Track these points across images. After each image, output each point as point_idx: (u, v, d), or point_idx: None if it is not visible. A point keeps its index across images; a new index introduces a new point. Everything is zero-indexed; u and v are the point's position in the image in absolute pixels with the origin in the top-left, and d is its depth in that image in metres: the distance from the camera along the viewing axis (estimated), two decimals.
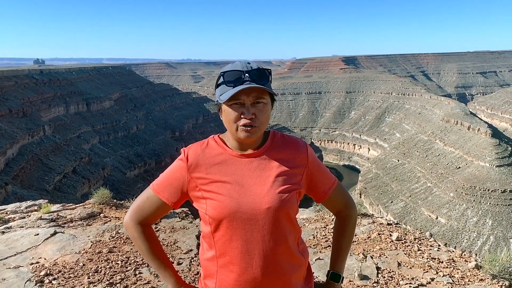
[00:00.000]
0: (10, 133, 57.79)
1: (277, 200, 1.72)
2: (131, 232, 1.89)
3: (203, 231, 1.84)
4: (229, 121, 1.73)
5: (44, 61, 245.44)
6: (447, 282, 4.65)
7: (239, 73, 1.70)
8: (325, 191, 1.95)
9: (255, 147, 1.82)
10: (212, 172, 1.76)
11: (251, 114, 1.69)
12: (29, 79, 77.91)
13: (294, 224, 1.83)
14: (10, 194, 45.10)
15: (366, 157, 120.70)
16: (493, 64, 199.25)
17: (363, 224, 6.73)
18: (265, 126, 1.77)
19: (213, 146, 1.83)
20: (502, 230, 61.89)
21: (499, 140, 78.73)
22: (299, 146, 1.90)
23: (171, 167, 1.86)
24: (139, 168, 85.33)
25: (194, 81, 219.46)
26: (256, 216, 1.71)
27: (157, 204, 1.85)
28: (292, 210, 1.78)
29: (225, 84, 1.71)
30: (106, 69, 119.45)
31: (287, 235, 1.78)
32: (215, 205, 1.72)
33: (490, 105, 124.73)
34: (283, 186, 1.76)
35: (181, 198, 1.84)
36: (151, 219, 1.90)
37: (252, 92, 1.69)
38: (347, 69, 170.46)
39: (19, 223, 6.33)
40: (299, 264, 1.86)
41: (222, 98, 1.70)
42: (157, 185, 1.85)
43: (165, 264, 1.92)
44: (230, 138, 1.82)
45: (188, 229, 6.20)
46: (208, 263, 1.83)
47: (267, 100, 1.75)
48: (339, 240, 2.10)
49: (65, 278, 4.47)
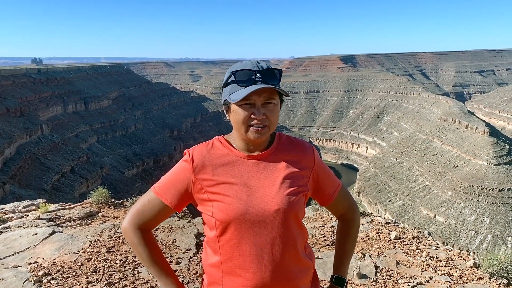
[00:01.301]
0: (8, 133, 57.68)
1: (286, 202, 1.69)
2: (130, 237, 1.81)
3: (207, 235, 1.79)
4: (239, 121, 1.68)
5: (41, 60, 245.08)
6: (446, 280, 4.66)
7: (251, 72, 1.67)
8: (331, 194, 1.93)
9: (262, 148, 1.79)
10: (218, 173, 1.72)
11: (262, 115, 1.66)
12: (26, 78, 77.81)
13: (302, 227, 1.80)
14: (8, 194, 45.04)
15: (364, 156, 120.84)
16: (491, 63, 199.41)
17: (361, 223, 6.74)
18: (275, 127, 1.74)
19: (218, 147, 1.79)
20: (500, 228, 62.07)
21: (497, 139, 78.93)
22: (306, 148, 1.88)
23: (175, 169, 1.80)
24: (138, 167, 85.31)
25: (192, 80, 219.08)
26: (265, 218, 1.67)
27: (159, 207, 1.78)
28: (300, 212, 1.75)
29: (236, 83, 1.68)
30: (104, 68, 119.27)
31: (296, 238, 1.75)
32: (222, 208, 1.67)
33: (488, 104, 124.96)
34: (291, 188, 1.73)
35: (185, 201, 1.78)
36: (151, 223, 1.82)
37: (264, 92, 1.66)
38: (345, 68, 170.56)
39: (17, 223, 6.32)
40: (306, 268, 1.83)
41: (233, 98, 1.66)
42: (159, 187, 1.79)
43: (166, 271, 1.84)
44: (237, 139, 1.78)
45: (186, 228, 6.20)
46: (213, 269, 1.77)
47: (277, 101, 1.72)
48: (343, 244, 2.06)
49: (63, 277, 4.47)
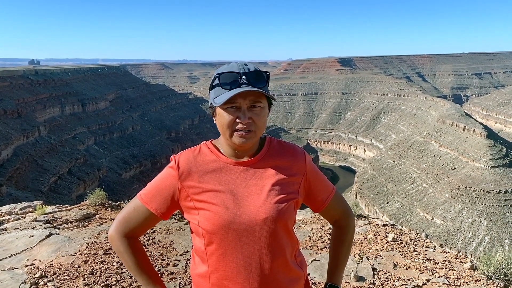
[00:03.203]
0: (4, 134, 57.50)
1: (274, 210, 1.62)
2: (116, 245, 1.74)
3: (195, 244, 1.73)
4: (224, 126, 1.61)
5: (39, 61, 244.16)
6: (443, 283, 4.66)
7: (236, 75, 1.59)
8: (323, 200, 1.86)
9: (251, 154, 1.72)
10: (205, 180, 1.65)
11: (247, 119, 1.58)
12: (24, 80, 77.62)
13: (292, 235, 1.74)
14: (5, 196, 44.86)
15: (362, 158, 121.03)
16: (488, 65, 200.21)
17: (359, 225, 6.75)
18: (262, 132, 1.67)
19: (206, 152, 1.72)
20: (497, 230, 62.21)
21: (494, 141, 79.24)
22: (297, 153, 1.80)
23: (160, 176, 1.74)
24: (135, 169, 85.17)
25: (190, 82, 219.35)
26: (252, 227, 1.61)
27: (144, 215, 1.71)
28: (290, 220, 1.69)
29: (220, 86, 1.60)
30: (102, 70, 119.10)
31: (285, 247, 1.69)
32: (208, 216, 1.61)
33: (485, 106, 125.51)
34: (280, 196, 1.66)
35: (171, 209, 1.72)
36: (138, 231, 1.76)
37: (249, 95, 1.59)
38: (343, 70, 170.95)
39: (14, 225, 6.29)
40: (297, 277, 1.77)
41: (217, 101, 1.60)
42: (145, 194, 1.72)
43: (153, 280, 1.77)
44: (224, 144, 1.71)
45: (184, 231, 6.20)
46: (200, 279, 1.72)
47: (265, 104, 1.65)
48: (337, 250, 1.99)
49: (60, 280, 4.44)
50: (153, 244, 5.69)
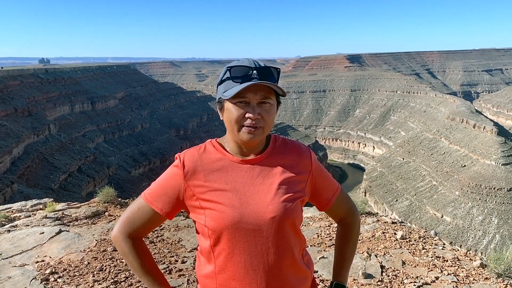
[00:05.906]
0: (15, 132, 58.14)
1: (282, 209, 1.60)
2: (120, 246, 1.71)
3: (201, 244, 1.70)
4: (232, 120, 1.59)
5: (49, 60, 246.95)
6: (452, 281, 4.63)
7: (247, 69, 1.59)
8: (329, 198, 1.85)
9: (257, 152, 1.70)
10: (211, 179, 1.63)
11: (256, 114, 1.57)
12: (34, 78, 78.31)
13: (299, 234, 1.73)
14: (16, 193, 45.39)
15: (371, 156, 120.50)
16: (498, 61, 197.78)
17: (367, 223, 6.72)
18: (270, 129, 1.65)
19: (211, 151, 1.70)
20: (508, 228, 61.58)
21: (505, 138, 78.31)
22: (302, 152, 1.78)
23: (165, 175, 1.71)
24: (144, 167, 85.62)
25: (198, 80, 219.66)
26: (260, 226, 1.58)
27: (149, 215, 1.69)
28: (298, 219, 1.67)
29: (231, 79, 1.59)
30: (111, 68, 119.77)
31: (293, 246, 1.67)
32: (215, 216, 1.58)
33: (496, 103, 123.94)
34: (288, 194, 1.64)
35: (176, 208, 1.69)
36: (142, 231, 1.73)
37: (260, 90, 1.58)
38: (351, 67, 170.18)
39: (25, 222, 6.37)
40: (304, 277, 1.76)
41: (227, 94, 1.58)
42: (150, 194, 1.69)
43: (158, 281, 1.75)
44: (230, 141, 1.69)
45: (192, 228, 6.23)
46: (206, 280, 1.69)
47: (274, 101, 1.64)
48: (343, 249, 1.98)
49: (70, 276, 4.50)
50: (161, 241, 5.73)
